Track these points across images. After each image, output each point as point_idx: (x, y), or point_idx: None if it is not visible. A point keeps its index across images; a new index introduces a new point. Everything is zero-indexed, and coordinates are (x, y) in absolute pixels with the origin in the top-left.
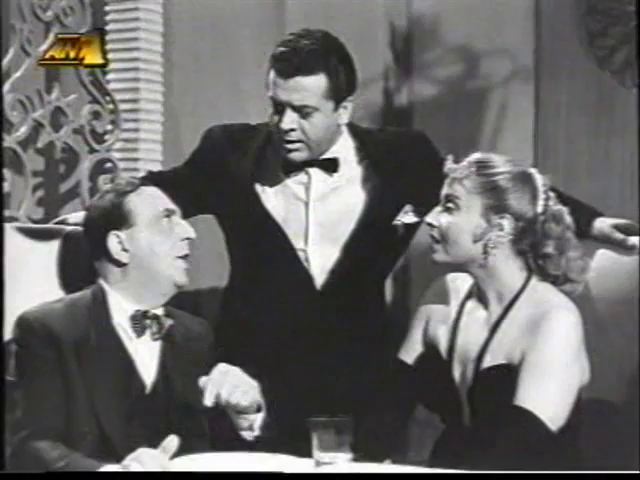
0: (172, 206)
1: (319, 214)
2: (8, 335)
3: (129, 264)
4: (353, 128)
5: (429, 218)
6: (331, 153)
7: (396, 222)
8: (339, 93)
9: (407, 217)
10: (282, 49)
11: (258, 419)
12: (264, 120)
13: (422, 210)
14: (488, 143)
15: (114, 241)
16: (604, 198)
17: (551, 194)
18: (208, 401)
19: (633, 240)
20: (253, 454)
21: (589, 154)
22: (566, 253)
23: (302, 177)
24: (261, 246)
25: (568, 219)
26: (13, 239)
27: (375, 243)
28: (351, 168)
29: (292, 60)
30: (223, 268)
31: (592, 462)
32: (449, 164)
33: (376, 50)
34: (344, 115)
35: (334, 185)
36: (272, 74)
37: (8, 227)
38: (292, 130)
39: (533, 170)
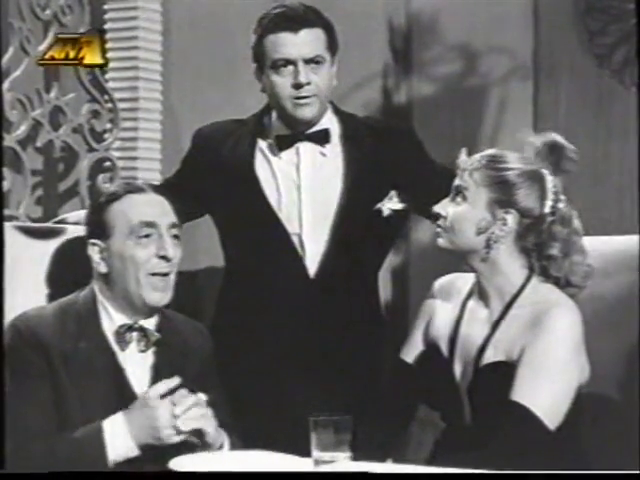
0: (155, 219)
1: (310, 196)
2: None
3: (109, 275)
4: (337, 110)
5: (437, 208)
6: (320, 125)
7: (380, 207)
8: (333, 47)
9: (392, 203)
10: (279, 10)
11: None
12: None
13: (405, 199)
14: (487, 141)
15: (94, 250)
16: (603, 196)
17: (561, 196)
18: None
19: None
20: (252, 453)
21: (588, 152)
22: (570, 256)
23: (292, 157)
24: (257, 236)
25: (576, 223)
26: (12, 238)
27: (358, 229)
28: (335, 150)
29: (296, 16)
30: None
31: (592, 461)
32: (462, 157)
33: (375, 48)
34: (334, 75)
35: (321, 165)
36: (274, 36)
37: (7, 226)
38: (308, 84)
39: (545, 170)
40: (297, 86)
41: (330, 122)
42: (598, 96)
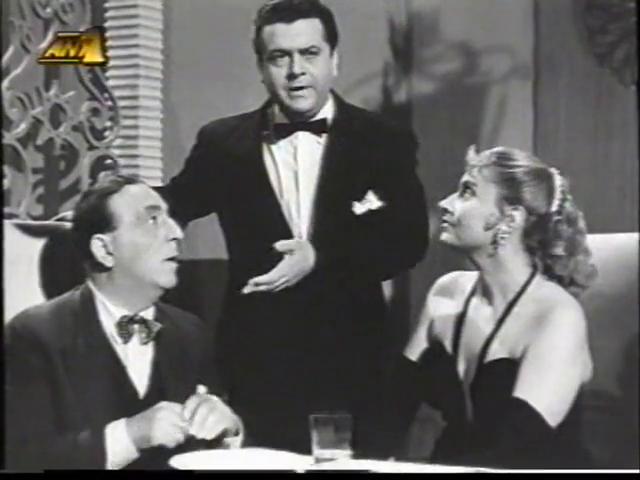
0: (157, 203)
1: (309, 184)
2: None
3: (114, 268)
4: (338, 100)
5: (444, 203)
6: (319, 115)
7: (355, 206)
8: (332, 37)
9: (368, 203)
10: (276, 1)
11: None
12: None
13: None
14: (487, 139)
15: (97, 245)
16: (603, 195)
17: (568, 196)
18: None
19: None
20: (252, 451)
21: (588, 151)
22: (575, 256)
23: (291, 146)
24: (262, 228)
25: (581, 223)
26: (12, 236)
27: (335, 220)
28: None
29: (291, 6)
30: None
31: (592, 460)
32: (470, 154)
33: (375, 47)
34: (334, 65)
35: (319, 154)
36: (270, 27)
37: (8, 224)
38: (302, 74)
39: (554, 170)
40: (292, 76)
41: (329, 112)
42: (598, 95)
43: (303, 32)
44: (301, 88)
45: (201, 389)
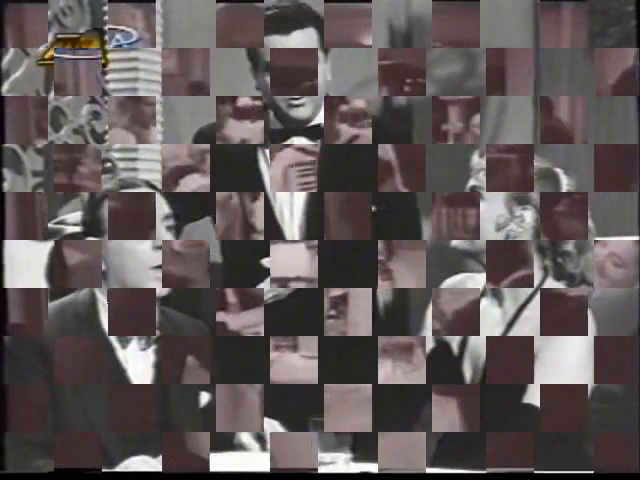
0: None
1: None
2: None
3: (108, 272)
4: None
5: None
6: (314, 121)
7: None
8: (325, 45)
9: None
10: (270, 12)
11: None
12: None
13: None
14: (488, 141)
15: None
16: (603, 195)
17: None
18: None
19: None
20: (252, 453)
21: (588, 151)
22: (585, 254)
23: None
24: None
25: (589, 222)
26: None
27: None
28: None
29: (286, 17)
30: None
31: (592, 460)
32: (475, 159)
33: (375, 49)
34: (327, 71)
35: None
36: (266, 39)
37: None
38: None
39: (559, 169)
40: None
41: (323, 118)
42: (598, 97)
43: (301, 45)
44: (300, 98)
45: (204, 396)
